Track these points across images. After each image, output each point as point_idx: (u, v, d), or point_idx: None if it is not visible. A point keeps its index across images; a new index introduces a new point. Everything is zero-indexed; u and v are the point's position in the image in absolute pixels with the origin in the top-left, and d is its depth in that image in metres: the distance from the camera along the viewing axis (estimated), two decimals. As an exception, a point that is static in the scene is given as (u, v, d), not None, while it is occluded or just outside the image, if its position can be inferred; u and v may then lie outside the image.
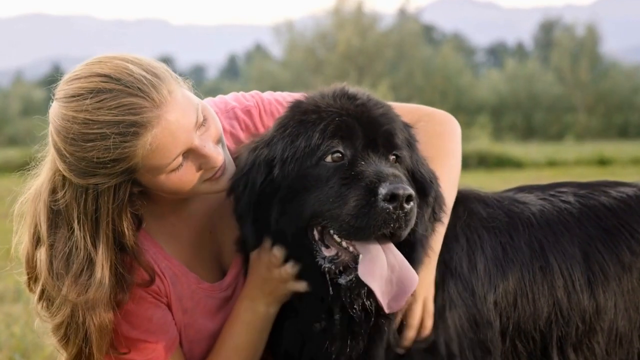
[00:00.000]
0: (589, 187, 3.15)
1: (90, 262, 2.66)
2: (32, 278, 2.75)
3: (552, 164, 25.40)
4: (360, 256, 2.54)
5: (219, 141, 2.76)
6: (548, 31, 74.15)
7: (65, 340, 2.72)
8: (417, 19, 54.99)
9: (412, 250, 2.65)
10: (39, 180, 2.77)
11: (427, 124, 3.00)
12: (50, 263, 2.68)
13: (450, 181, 2.91)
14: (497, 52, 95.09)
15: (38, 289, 2.73)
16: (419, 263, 2.69)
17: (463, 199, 2.98)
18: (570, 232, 2.98)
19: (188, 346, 2.89)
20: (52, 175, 2.72)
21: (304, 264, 2.66)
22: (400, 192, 2.44)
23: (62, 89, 2.65)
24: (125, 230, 2.69)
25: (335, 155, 2.60)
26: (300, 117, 2.69)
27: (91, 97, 2.58)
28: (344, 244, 2.58)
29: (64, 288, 2.65)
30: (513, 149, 28.59)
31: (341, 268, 2.59)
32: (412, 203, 2.47)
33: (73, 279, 2.65)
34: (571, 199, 3.07)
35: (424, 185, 2.70)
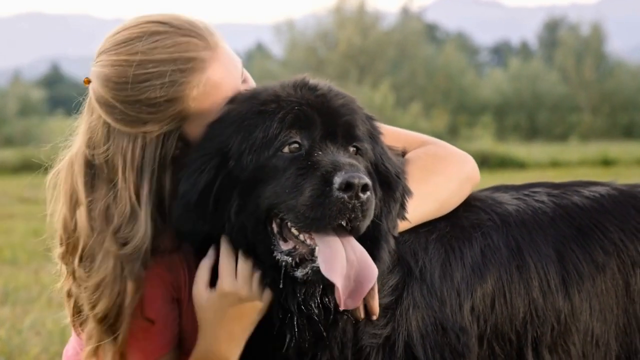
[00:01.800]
0: (562, 187, 3.13)
1: (133, 213, 2.67)
2: (70, 245, 2.74)
3: (555, 164, 25.37)
4: (317, 249, 2.46)
5: None
6: (553, 30, 74.11)
7: (98, 296, 2.69)
8: (420, 17, 55.01)
9: (375, 246, 2.60)
10: (73, 148, 2.78)
11: (436, 147, 2.99)
12: (91, 219, 2.70)
13: (430, 195, 2.83)
14: (501, 52, 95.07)
15: (77, 254, 2.72)
16: (382, 261, 2.62)
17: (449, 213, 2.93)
18: (544, 231, 2.96)
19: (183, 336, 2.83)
20: (91, 134, 2.72)
21: (261, 259, 2.57)
22: (356, 181, 2.38)
23: (107, 42, 2.70)
24: (166, 183, 2.71)
25: (293, 145, 2.55)
26: (259, 108, 2.62)
27: (144, 39, 2.64)
28: (301, 237, 2.51)
29: (107, 242, 2.67)
30: (516, 149, 28.56)
31: (297, 260, 2.51)
32: (368, 193, 2.42)
33: (115, 231, 2.67)
34: (545, 198, 3.05)
35: (389, 179, 2.65)
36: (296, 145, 2.55)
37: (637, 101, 46.87)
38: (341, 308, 2.46)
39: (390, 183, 2.65)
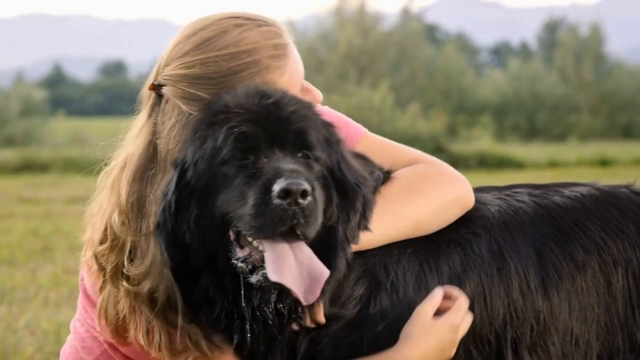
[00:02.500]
0: (543, 188, 3.12)
1: None
2: (117, 244, 2.74)
3: (553, 164, 25.33)
4: (265, 254, 2.48)
5: None
6: (552, 31, 74.02)
7: (145, 276, 2.70)
8: (420, 18, 54.93)
9: (331, 253, 2.60)
10: (130, 149, 2.78)
11: (425, 166, 2.96)
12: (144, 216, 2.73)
13: (407, 215, 2.81)
14: (501, 52, 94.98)
15: (126, 250, 2.73)
16: (337, 269, 2.62)
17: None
18: (525, 231, 2.95)
19: None
20: (157, 134, 2.75)
21: (220, 266, 2.58)
22: (293, 187, 2.39)
23: (183, 45, 2.74)
24: None
25: (241, 154, 2.56)
26: (210, 119, 2.64)
27: (228, 34, 2.71)
28: (254, 243, 2.53)
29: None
30: (515, 149, 28.53)
31: (251, 267, 2.53)
32: (309, 199, 2.42)
33: None
34: (526, 198, 3.04)
35: (346, 187, 2.63)
36: (244, 154, 2.56)
37: (636, 102, 46.78)
38: (303, 304, 2.49)
39: (347, 191, 2.64)
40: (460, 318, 2.79)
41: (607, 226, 3.02)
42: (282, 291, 2.53)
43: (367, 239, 2.74)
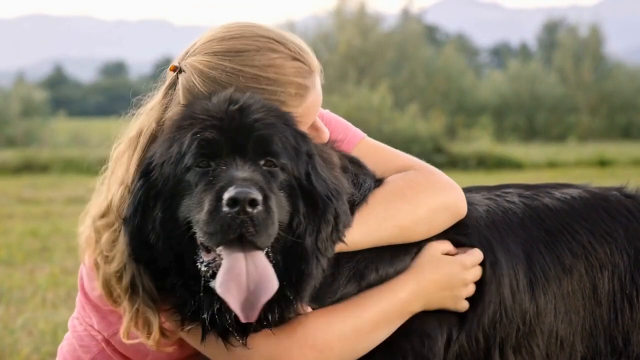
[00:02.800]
0: (534, 189, 3.12)
1: None
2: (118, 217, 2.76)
3: (552, 165, 25.27)
4: (222, 262, 2.51)
5: None
6: (552, 32, 73.90)
7: (116, 258, 2.73)
8: (420, 19, 54.84)
9: (303, 263, 2.60)
10: (142, 123, 2.81)
11: (416, 172, 2.96)
12: None
13: (389, 219, 2.81)
14: (500, 53, 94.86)
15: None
16: (311, 277, 2.63)
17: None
18: (513, 232, 2.95)
19: None
20: (164, 114, 2.78)
21: (187, 268, 2.60)
22: (241, 196, 2.40)
23: (217, 43, 2.74)
24: None
25: (203, 161, 2.58)
26: (178, 123, 2.68)
27: (260, 54, 2.70)
28: (218, 249, 2.54)
29: None
30: (514, 150, 28.49)
31: (212, 272, 2.56)
32: (259, 208, 2.42)
33: None
34: (515, 199, 3.04)
35: (315, 198, 2.62)
36: (205, 161, 2.58)
37: (635, 102, 46.68)
38: (242, 321, 2.50)
39: (316, 202, 2.63)
40: (471, 261, 2.82)
41: (595, 230, 3.02)
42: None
43: (351, 241, 2.75)
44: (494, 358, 2.85)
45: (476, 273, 2.86)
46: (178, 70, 2.81)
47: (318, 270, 2.66)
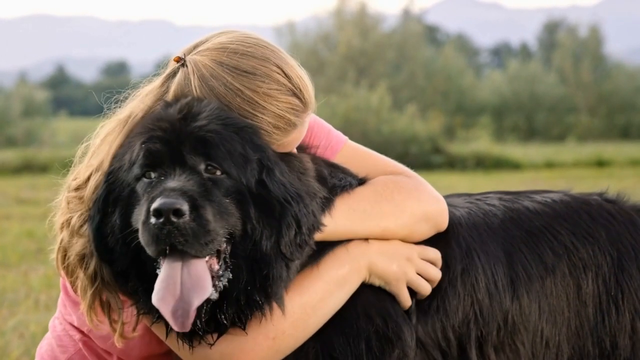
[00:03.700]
0: (515, 194, 3.14)
1: None
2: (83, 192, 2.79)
3: (550, 165, 25.23)
4: (161, 272, 2.56)
5: None
6: (552, 32, 73.80)
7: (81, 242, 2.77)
8: (421, 19, 54.75)
9: (265, 267, 2.61)
10: (135, 106, 2.81)
11: (405, 178, 2.98)
12: None
13: (372, 217, 2.84)
14: (501, 53, 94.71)
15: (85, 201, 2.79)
16: (280, 279, 2.64)
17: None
18: (494, 233, 2.96)
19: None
20: (157, 102, 2.79)
21: (149, 273, 2.63)
22: (164, 207, 2.43)
23: (226, 55, 2.74)
24: None
25: (148, 172, 2.62)
26: (137, 129, 2.73)
27: (262, 82, 2.71)
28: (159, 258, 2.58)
29: None
30: (512, 150, 28.44)
31: None
32: (185, 217, 2.45)
33: None
34: (496, 202, 3.07)
35: (270, 202, 2.63)
36: (149, 171, 2.62)
37: (634, 102, 46.60)
38: (176, 330, 2.54)
39: (273, 207, 2.63)
40: (424, 252, 2.87)
41: (577, 231, 3.04)
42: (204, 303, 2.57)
43: (333, 230, 2.78)
44: (470, 356, 2.86)
45: (426, 264, 2.86)
46: (182, 63, 2.81)
47: (289, 272, 2.67)
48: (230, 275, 2.61)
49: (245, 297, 2.61)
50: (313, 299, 2.73)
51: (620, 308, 2.97)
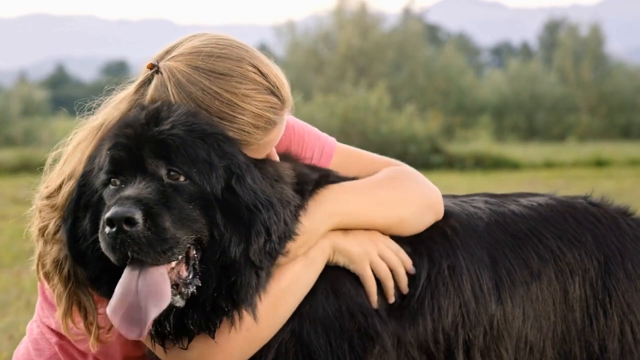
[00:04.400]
0: (501, 197, 3.12)
1: None
2: (57, 202, 2.80)
3: (549, 165, 25.18)
4: (120, 280, 2.54)
5: None
6: (553, 31, 73.78)
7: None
8: (422, 19, 54.77)
9: (233, 273, 2.58)
10: (107, 115, 2.80)
11: (403, 170, 2.99)
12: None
13: (384, 203, 2.86)
14: (502, 52, 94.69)
15: (59, 209, 2.80)
16: (248, 287, 2.61)
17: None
18: (478, 235, 2.94)
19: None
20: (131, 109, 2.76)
21: (119, 278, 2.61)
22: (115, 216, 2.42)
23: (201, 59, 2.71)
24: None
25: (113, 179, 2.61)
26: (106, 134, 2.71)
27: (239, 83, 2.70)
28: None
29: None
30: (512, 150, 28.40)
31: None
32: (138, 226, 2.43)
33: None
34: (481, 205, 3.04)
35: (237, 209, 2.58)
36: (113, 178, 2.62)
37: (635, 102, 46.56)
38: (129, 338, 2.52)
39: (240, 213, 2.59)
40: (390, 243, 2.86)
41: (563, 235, 3.02)
42: (171, 310, 2.57)
43: (351, 219, 2.80)
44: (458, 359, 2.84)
45: (389, 250, 2.85)
46: (155, 69, 2.78)
47: (259, 280, 2.64)
48: (199, 282, 2.59)
49: (211, 303, 2.59)
50: (281, 284, 2.72)
51: (609, 312, 2.96)
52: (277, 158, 2.90)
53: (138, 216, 2.43)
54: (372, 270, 2.80)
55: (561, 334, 2.94)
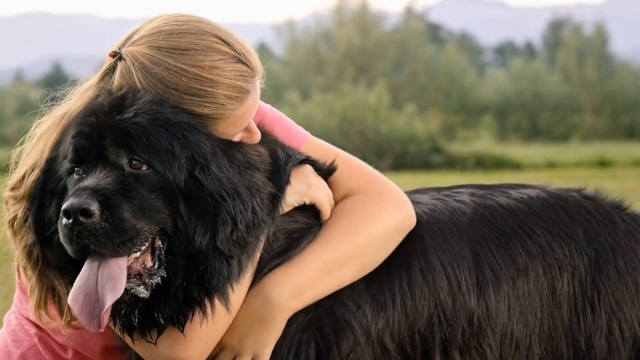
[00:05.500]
0: (488, 188, 3.05)
1: None
2: (22, 192, 2.79)
3: (551, 165, 25.16)
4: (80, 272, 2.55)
5: None
6: (557, 30, 73.74)
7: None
8: (424, 18, 54.88)
9: (202, 262, 2.56)
10: (72, 106, 2.76)
11: (365, 199, 2.88)
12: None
13: (350, 260, 2.77)
14: (505, 52, 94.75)
15: (25, 199, 2.80)
16: (220, 275, 2.58)
17: None
18: (460, 232, 2.88)
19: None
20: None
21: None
22: (71, 207, 2.41)
23: (162, 38, 2.68)
24: None
25: (76, 168, 2.59)
26: (72, 121, 2.67)
27: (205, 55, 2.65)
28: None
29: None
30: (514, 150, 28.38)
31: None
32: (94, 218, 2.42)
33: None
34: (466, 198, 2.98)
35: (204, 200, 2.56)
36: (76, 167, 2.59)
37: (639, 102, 46.68)
38: (90, 330, 2.51)
39: (205, 202, 2.56)
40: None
41: (554, 230, 2.95)
42: (138, 301, 2.56)
43: (310, 296, 2.73)
44: (435, 359, 2.79)
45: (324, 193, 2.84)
46: (118, 57, 2.74)
47: (230, 268, 2.60)
48: (164, 272, 2.55)
49: (182, 293, 2.57)
50: (243, 291, 2.70)
51: (597, 309, 2.92)
52: (258, 133, 2.85)
53: (94, 207, 2.42)
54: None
55: (548, 330, 2.90)
